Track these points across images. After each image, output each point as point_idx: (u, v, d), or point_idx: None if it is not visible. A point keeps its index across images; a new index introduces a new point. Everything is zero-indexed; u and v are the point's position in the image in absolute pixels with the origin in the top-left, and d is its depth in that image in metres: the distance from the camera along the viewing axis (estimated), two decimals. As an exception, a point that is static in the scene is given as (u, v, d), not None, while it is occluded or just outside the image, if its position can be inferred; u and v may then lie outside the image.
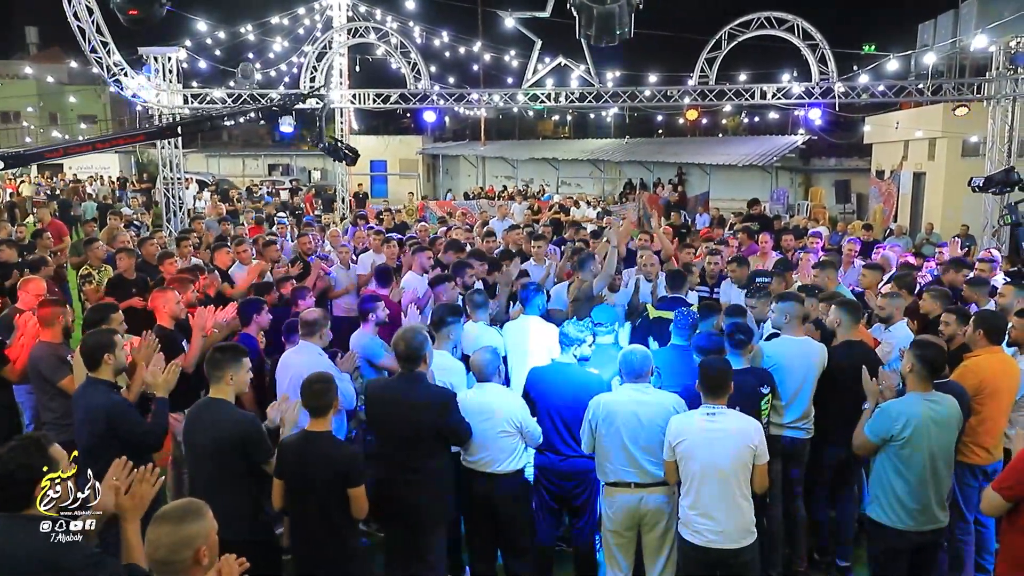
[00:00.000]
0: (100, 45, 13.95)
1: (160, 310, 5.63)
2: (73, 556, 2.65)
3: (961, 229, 15.76)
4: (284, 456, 3.97)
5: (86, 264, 8.28)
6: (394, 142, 39.60)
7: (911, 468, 4.14)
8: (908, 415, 4.12)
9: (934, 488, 4.19)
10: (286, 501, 4.02)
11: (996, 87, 14.71)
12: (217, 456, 3.97)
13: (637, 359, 4.41)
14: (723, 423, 4.04)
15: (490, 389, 4.58)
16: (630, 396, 4.37)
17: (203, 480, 4.06)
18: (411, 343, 4.41)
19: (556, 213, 19.54)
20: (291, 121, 14.55)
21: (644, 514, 4.35)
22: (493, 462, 4.49)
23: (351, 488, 3.89)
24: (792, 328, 5.19)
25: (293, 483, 3.96)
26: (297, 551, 4.17)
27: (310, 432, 3.99)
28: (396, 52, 15.46)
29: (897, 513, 4.20)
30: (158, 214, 18.08)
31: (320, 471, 3.88)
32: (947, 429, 4.20)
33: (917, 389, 4.20)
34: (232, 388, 4.11)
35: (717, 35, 14.45)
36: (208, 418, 4.03)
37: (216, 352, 4.17)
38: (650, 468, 4.28)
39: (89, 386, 4.24)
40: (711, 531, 3.99)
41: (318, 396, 3.95)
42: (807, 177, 30.46)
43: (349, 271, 8.88)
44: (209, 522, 2.69)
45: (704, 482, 3.99)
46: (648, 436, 4.26)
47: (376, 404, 4.55)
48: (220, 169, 40.33)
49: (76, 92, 43.25)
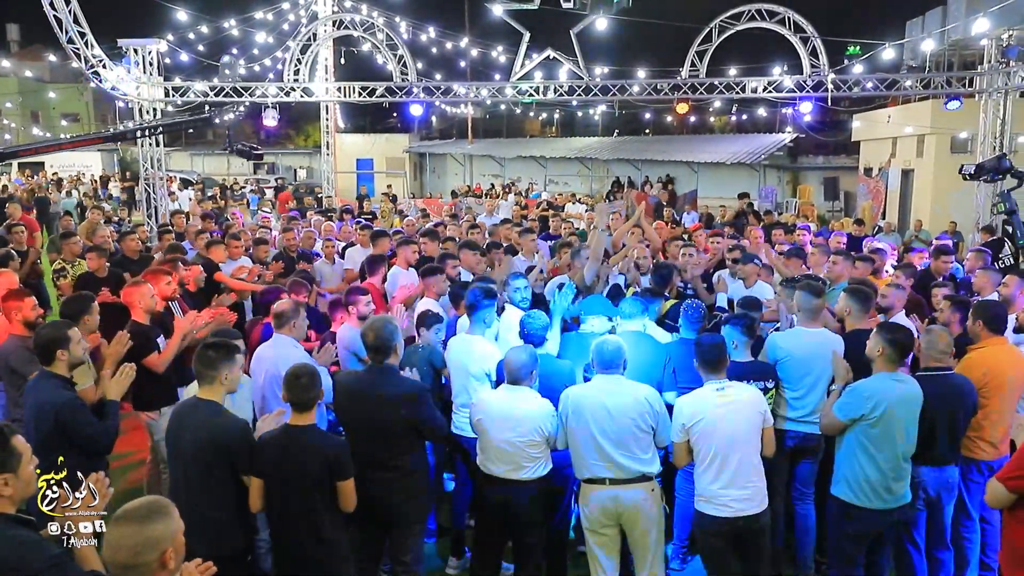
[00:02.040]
0: (78, 36, 13.61)
1: (135, 305, 5.43)
2: (37, 557, 2.48)
3: (949, 226, 15.74)
4: (265, 453, 3.72)
5: (60, 259, 8.11)
6: (380, 140, 39.39)
7: (881, 448, 4.15)
8: (878, 395, 4.13)
9: (902, 467, 4.22)
10: (266, 501, 3.76)
11: (988, 80, 14.66)
12: (200, 461, 3.70)
13: (609, 349, 4.23)
14: (734, 395, 4.14)
15: (520, 395, 4.28)
16: (600, 387, 4.21)
17: (187, 486, 3.76)
18: (380, 333, 4.22)
19: (544, 211, 19.37)
20: (275, 115, 14.34)
21: (621, 512, 4.16)
22: (517, 470, 4.25)
23: (340, 481, 3.70)
24: (806, 319, 5.03)
25: (275, 480, 3.71)
26: (278, 550, 3.93)
27: (294, 426, 3.77)
28: (382, 46, 15.22)
29: (866, 493, 4.19)
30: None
31: (307, 465, 3.67)
32: (913, 407, 4.22)
33: (885, 370, 4.22)
34: (224, 388, 3.83)
35: (708, 27, 14.31)
36: (197, 421, 3.75)
37: (208, 350, 3.85)
38: (623, 462, 4.10)
39: (42, 380, 4.03)
40: (737, 500, 4.04)
41: (306, 390, 3.74)
42: (795, 175, 30.47)
43: (335, 266, 8.69)
44: (176, 522, 2.46)
45: (728, 455, 4.04)
46: (619, 429, 4.09)
47: (345, 397, 4.33)
48: (205, 167, 39.97)
49: (58, 89, 42.74)
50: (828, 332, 5.05)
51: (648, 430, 4.14)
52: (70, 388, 4.09)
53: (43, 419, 3.90)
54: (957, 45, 20.03)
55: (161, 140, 15.77)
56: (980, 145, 15.10)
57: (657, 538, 4.23)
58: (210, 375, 3.78)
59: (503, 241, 9.14)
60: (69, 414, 3.91)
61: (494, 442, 4.24)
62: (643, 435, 4.13)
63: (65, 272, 7.87)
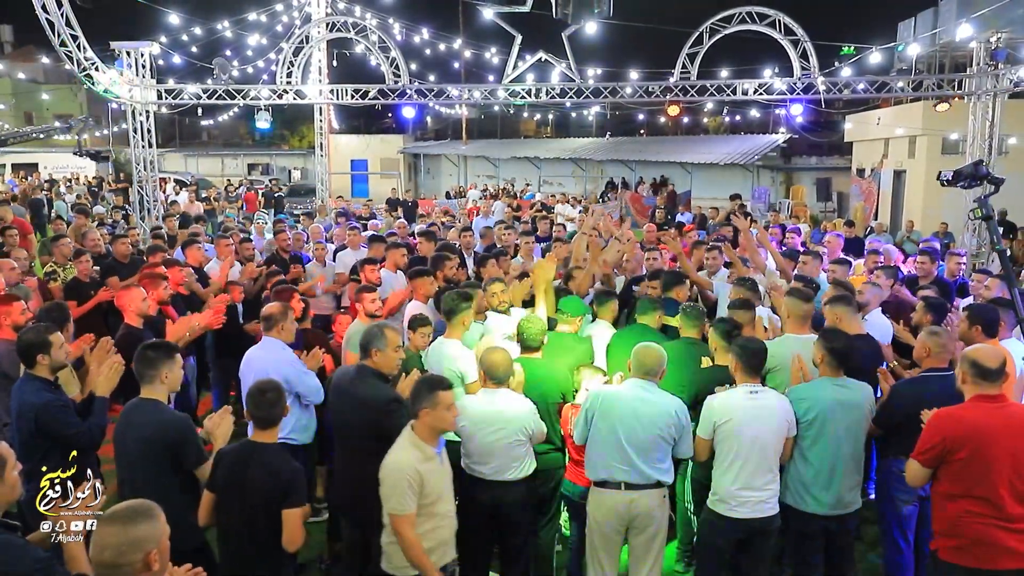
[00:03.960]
0: (70, 39, 13.59)
1: (127, 309, 5.50)
2: (22, 561, 2.51)
3: (940, 227, 15.83)
4: (220, 465, 3.62)
5: (51, 262, 8.09)
6: (375, 141, 39.44)
7: (815, 452, 4.21)
8: (812, 399, 4.22)
9: (842, 472, 4.23)
10: (214, 516, 3.64)
11: (977, 83, 14.75)
12: (146, 459, 3.70)
13: (651, 356, 4.24)
14: (764, 400, 4.19)
15: (500, 395, 4.28)
16: (634, 392, 4.21)
17: (132, 486, 3.71)
18: (365, 334, 4.26)
19: (538, 212, 19.41)
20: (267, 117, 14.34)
21: (634, 516, 4.17)
22: (503, 470, 4.26)
23: (287, 508, 3.47)
24: (793, 325, 5.05)
25: (226, 496, 3.58)
26: (225, 568, 3.76)
27: (255, 442, 3.67)
28: (375, 48, 15.25)
29: (803, 497, 4.25)
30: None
31: (260, 483, 3.52)
32: (855, 413, 4.26)
33: (827, 375, 4.31)
34: (166, 387, 3.85)
35: (699, 30, 14.36)
36: (138, 419, 3.76)
37: (148, 350, 3.87)
38: (643, 469, 4.12)
39: (26, 382, 4.06)
40: (753, 502, 4.11)
41: (271, 405, 3.64)
42: (788, 176, 30.58)
43: (326, 268, 8.72)
44: (161, 525, 2.51)
45: (750, 456, 4.10)
46: (644, 435, 4.11)
47: (333, 393, 4.42)
48: (199, 168, 39.93)
49: (51, 91, 42.61)
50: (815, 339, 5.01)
51: (671, 440, 4.17)
52: (53, 389, 4.10)
53: (24, 420, 3.94)
54: (948, 47, 20.12)
55: (154, 142, 15.78)
56: (970, 147, 15.19)
57: (660, 545, 4.27)
58: (151, 375, 3.80)
59: (499, 244, 9.19)
60: (49, 416, 3.92)
61: (480, 445, 4.26)
62: (665, 444, 4.16)
63: (56, 275, 7.84)
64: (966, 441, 3.49)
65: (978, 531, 3.48)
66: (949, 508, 3.58)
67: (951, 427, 3.55)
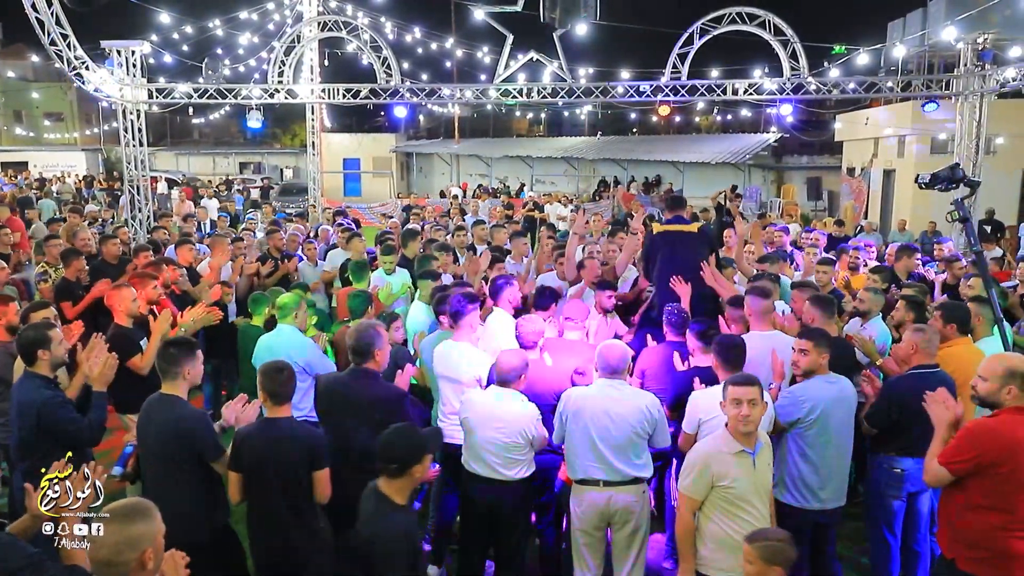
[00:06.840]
0: (60, 38, 13.52)
1: (116, 308, 5.49)
2: (12, 557, 2.52)
3: (929, 226, 15.91)
4: (243, 446, 3.80)
5: (43, 262, 8.07)
6: (367, 140, 39.37)
7: (816, 450, 4.26)
8: (814, 399, 4.25)
9: (839, 466, 4.33)
10: (246, 494, 3.84)
11: (964, 83, 14.86)
12: (167, 455, 3.79)
13: (614, 354, 4.28)
14: None
15: (508, 396, 4.31)
16: (602, 392, 4.25)
17: (155, 480, 3.87)
18: (361, 336, 4.28)
19: (530, 211, 19.46)
20: (259, 116, 14.33)
21: (613, 513, 4.23)
22: (499, 467, 4.30)
23: (316, 471, 3.77)
24: (756, 322, 5.07)
25: (254, 472, 3.77)
26: (259, 543, 3.95)
27: (274, 418, 3.86)
28: (367, 47, 15.26)
29: (803, 494, 4.30)
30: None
31: (286, 454, 3.74)
32: (847, 407, 4.34)
33: (818, 373, 4.33)
34: (187, 383, 3.93)
35: (689, 30, 14.42)
36: (161, 415, 3.84)
37: (169, 347, 3.96)
38: (619, 466, 4.17)
39: (25, 380, 4.10)
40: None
41: (287, 383, 3.86)
42: (779, 174, 30.74)
43: (316, 268, 8.78)
44: (157, 524, 2.54)
45: None
46: (618, 434, 4.15)
47: (324, 399, 4.43)
48: (190, 167, 39.81)
49: (41, 89, 42.39)
50: (781, 335, 5.03)
51: (645, 435, 4.20)
52: (52, 387, 4.14)
53: (25, 418, 3.96)
54: (936, 47, 20.24)
55: (145, 140, 15.74)
56: (957, 147, 15.31)
57: (642, 540, 4.31)
58: (173, 371, 3.88)
59: (478, 243, 9.27)
60: (50, 412, 3.97)
61: (479, 440, 4.30)
62: (640, 440, 4.20)
63: (48, 275, 7.81)
64: (1009, 457, 3.39)
65: (1008, 545, 3.41)
66: (972, 519, 3.48)
67: (989, 441, 3.43)
